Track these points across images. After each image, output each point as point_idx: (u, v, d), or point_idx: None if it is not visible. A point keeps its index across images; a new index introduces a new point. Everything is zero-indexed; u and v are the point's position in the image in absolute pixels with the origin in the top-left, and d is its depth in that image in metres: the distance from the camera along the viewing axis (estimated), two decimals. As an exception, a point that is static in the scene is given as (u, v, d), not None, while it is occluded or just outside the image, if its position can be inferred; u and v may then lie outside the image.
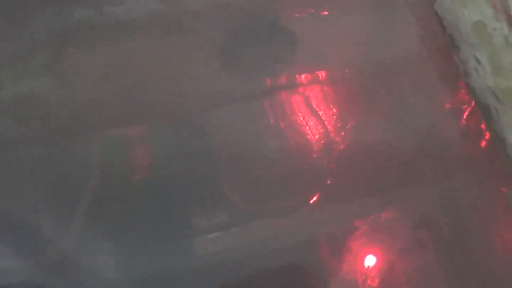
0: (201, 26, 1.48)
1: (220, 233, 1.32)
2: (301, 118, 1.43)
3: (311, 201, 1.35)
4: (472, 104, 1.45)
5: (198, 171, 1.36)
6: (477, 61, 1.44)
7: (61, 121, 1.37)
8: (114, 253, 1.28)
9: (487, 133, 1.42)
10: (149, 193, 1.32)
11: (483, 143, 1.41)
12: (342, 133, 1.41)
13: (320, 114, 1.43)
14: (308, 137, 1.41)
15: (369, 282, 1.30)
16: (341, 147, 1.40)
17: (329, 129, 1.41)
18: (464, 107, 1.45)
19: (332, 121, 1.42)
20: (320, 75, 1.47)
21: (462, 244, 1.32)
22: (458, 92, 1.47)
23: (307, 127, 1.42)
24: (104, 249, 1.28)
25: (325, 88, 1.45)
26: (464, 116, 1.44)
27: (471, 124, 1.43)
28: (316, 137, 1.41)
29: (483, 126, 1.42)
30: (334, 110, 1.43)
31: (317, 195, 1.36)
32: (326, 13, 1.52)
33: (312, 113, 1.43)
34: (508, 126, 1.38)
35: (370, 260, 1.32)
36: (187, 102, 1.41)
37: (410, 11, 1.54)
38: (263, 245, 1.32)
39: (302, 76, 1.46)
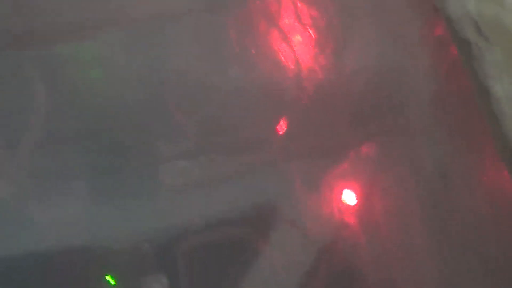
0: None
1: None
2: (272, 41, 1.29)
3: (282, 134, 1.23)
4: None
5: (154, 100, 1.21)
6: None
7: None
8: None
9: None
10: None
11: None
12: (319, 60, 1.29)
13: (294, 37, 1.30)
14: (279, 63, 1.28)
15: (346, 219, 1.22)
16: (317, 75, 1.28)
17: (302, 56, 1.29)
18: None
19: (309, 46, 1.30)
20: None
21: (443, 183, 1.25)
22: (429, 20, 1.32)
23: (279, 53, 1.29)
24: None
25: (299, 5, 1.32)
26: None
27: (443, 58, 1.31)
28: (289, 62, 1.28)
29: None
30: (311, 33, 1.30)
31: (287, 127, 1.24)
32: None
33: (284, 38, 1.30)
34: (493, 71, 1.13)
35: (348, 197, 1.23)
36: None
37: None
38: (233, 183, 1.21)
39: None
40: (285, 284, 1.16)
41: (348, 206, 1.21)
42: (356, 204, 1.22)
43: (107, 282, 1.12)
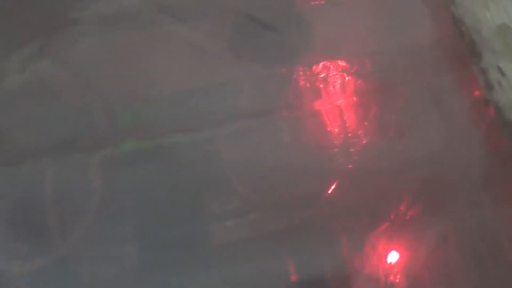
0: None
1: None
2: (319, 111, 1.33)
3: (329, 192, 1.23)
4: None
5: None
6: (501, 72, 1.27)
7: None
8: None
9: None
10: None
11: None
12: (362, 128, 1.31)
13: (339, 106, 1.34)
14: (326, 130, 1.31)
15: (391, 278, 1.17)
16: (362, 141, 1.30)
17: (348, 123, 1.32)
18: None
19: (352, 113, 1.33)
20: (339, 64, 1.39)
21: (486, 239, 1.21)
22: (477, 105, 1.37)
23: (326, 118, 1.32)
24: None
25: (344, 77, 1.37)
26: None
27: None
28: (336, 130, 1.31)
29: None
30: (354, 99, 1.34)
31: (334, 185, 1.24)
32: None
33: (330, 105, 1.34)
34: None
35: (392, 256, 1.19)
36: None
37: (425, 17, 1.48)
38: (277, 240, 1.21)
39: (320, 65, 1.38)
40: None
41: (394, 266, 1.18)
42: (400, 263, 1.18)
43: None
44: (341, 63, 1.38)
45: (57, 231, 1.20)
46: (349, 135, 1.31)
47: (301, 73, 1.37)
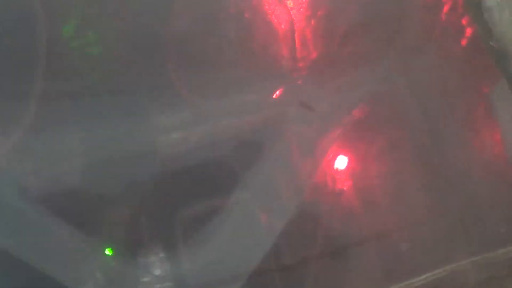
0: None
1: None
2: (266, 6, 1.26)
3: (275, 96, 1.20)
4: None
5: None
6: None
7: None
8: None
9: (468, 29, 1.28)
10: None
11: (464, 41, 1.29)
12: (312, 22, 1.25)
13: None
14: (272, 26, 1.24)
15: (339, 185, 1.19)
16: (309, 37, 1.25)
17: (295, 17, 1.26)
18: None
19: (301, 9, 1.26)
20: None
21: (437, 145, 1.23)
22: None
23: (272, 15, 1.25)
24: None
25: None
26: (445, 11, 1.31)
27: (452, 19, 1.30)
28: (282, 26, 1.25)
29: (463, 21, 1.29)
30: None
31: (281, 90, 1.21)
32: None
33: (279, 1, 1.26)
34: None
35: (341, 162, 1.20)
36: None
37: None
38: (226, 145, 1.18)
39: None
40: (282, 250, 1.13)
41: (342, 171, 1.19)
42: (350, 168, 1.19)
43: (105, 253, 1.09)
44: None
45: None
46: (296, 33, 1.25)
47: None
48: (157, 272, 1.11)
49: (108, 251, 1.10)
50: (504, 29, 1.07)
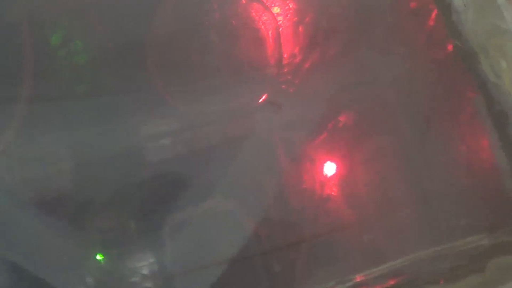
0: None
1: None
2: (252, 13, 1.26)
3: (260, 101, 1.21)
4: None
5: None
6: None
7: None
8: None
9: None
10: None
11: (450, 46, 1.29)
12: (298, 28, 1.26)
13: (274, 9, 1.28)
14: (259, 32, 1.25)
15: (327, 191, 1.19)
16: (294, 43, 1.25)
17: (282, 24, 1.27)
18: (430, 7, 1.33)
19: (288, 16, 1.27)
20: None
21: (424, 151, 1.23)
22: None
23: (260, 22, 1.26)
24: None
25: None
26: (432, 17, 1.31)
27: (437, 27, 1.31)
28: (269, 32, 1.26)
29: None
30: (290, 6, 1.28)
31: (266, 96, 1.22)
32: None
33: (265, 7, 1.27)
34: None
35: (329, 168, 1.21)
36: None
37: None
38: (211, 151, 1.19)
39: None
40: (269, 256, 1.14)
41: (330, 177, 1.19)
42: (338, 175, 1.20)
43: (95, 259, 1.10)
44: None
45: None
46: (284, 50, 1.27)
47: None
48: (145, 271, 1.11)
49: (98, 256, 1.10)
50: (469, 29, 1.11)
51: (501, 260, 1.02)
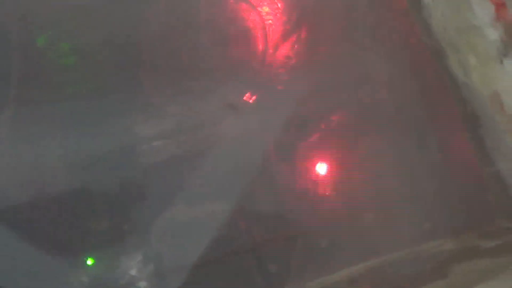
0: None
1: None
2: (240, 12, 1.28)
3: (250, 102, 1.23)
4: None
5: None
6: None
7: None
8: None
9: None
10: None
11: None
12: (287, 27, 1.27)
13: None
14: (248, 33, 1.26)
15: (321, 191, 1.21)
16: (283, 43, 1.26)
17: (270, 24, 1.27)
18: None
19: (276, 15, 1.28)
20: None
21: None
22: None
23: (248, 21, 1.27)
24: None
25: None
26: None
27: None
28: (257, 32, 1.27)
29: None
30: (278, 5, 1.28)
31: (256, 96, 1.23)
32: None
33: (252, 7, 1.28)
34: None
35: (322, 168, 1.22)
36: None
37: None
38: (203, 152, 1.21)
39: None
40: (265, 256, 1.18)
41: (323, 177, 1.20)
42: (331, 175, 1.20)
43: (86, 262, 1.13)
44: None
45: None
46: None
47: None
48: (137, 272, 1.16)
49: (89, 260, 1.13)
50: (438, 25, 1.07)
51: (465, 265, 1.02)
